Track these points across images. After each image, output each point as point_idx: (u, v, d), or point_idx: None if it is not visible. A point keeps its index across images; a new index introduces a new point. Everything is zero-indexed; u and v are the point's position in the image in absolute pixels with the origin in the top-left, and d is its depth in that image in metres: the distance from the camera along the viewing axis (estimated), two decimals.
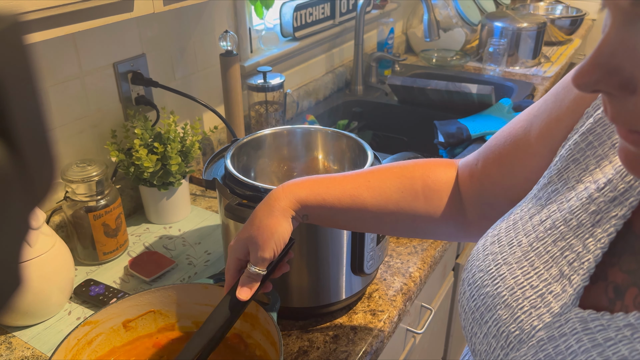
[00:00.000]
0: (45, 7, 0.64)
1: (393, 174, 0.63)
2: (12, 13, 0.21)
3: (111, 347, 0.73)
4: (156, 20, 1.13)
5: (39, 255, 0.80)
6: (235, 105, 1.24)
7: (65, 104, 1.00)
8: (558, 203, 0.47)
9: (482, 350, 0.48)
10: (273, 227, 0.60)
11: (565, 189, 0.47)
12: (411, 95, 1.67)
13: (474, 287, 0.50)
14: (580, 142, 0.48)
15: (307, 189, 0.62)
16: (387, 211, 0.63)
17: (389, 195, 0.62)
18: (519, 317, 0.45)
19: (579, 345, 0.39)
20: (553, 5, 2.60)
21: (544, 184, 0.50)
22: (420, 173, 0.64)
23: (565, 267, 0.44)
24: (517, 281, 0.46)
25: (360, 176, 0.64)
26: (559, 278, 0.44)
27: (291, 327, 0.83)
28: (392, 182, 0.63)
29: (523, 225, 0.49)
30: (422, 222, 0.64)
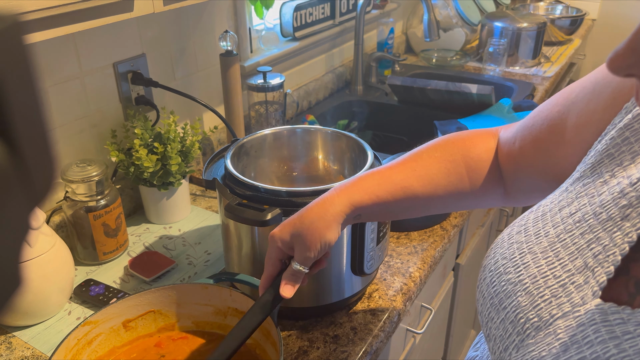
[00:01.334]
0: (45, 7, 0.64)
1: (436, 160, 0.65)
2: (12, 13, 0.21)
3: (111, 347, 0.73)
4: (156, 20, 1.13)
5: (39, 255, 0.80)
6: (235, 105, 1.24)
7: (65, 104, 1.00)
8: (589, 197, 0.47)
9: (497, 335, 0.49)
10: (323, 231, 0.62)
11: (597, 182, 0.47)
12: (411, 95, 1.67)
13: (495, 273, 0.50)
14: (617, 137, 0.47)
15: (360, 190, 0.63)
16: (436, 196, 0.64)
17: (437, 182, 0.64)
18: (538, 304, 0.45)
19: (596, 336, 0.39)
20: (553, 5, 2.60)
21: (576, 177, 0.50)
22: (461, 154, 0.65)
23: (591, 259, 0.44)
24: (541, 270, 0.46)
25: (406, 166, 0.65)
26: (583, 270, 0.44)
27: (291, 327, 0.83)
28: (437, 168, 0.64)
29: (552, 217, 0.49)
30: (467, 200, 0.66)
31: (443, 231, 1.06)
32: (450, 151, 0.66)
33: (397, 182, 0.64)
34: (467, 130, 0.69)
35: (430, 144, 0.68)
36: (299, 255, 0.63)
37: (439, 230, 1.06)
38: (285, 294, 0.64)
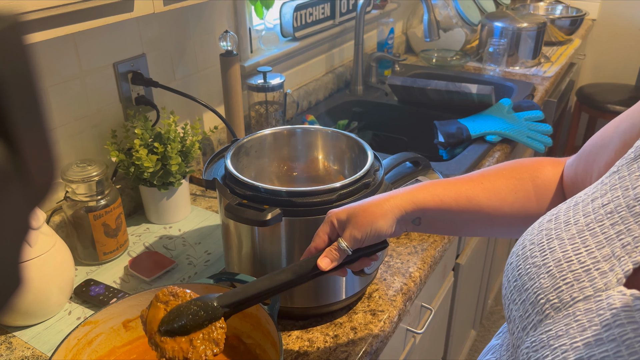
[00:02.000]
0: (46, 7, 0.64)
1: (503, 176, 0.65)
2: (12, 13, 0.21)
3: (111, 347, 0.73)
4: (156, 20, 1.13)
5: (39, 255, 0.80)
6: (235, 105, 1.24)
7: (65, 104, 1.00)
8: (623, 189, 0.48)
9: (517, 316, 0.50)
10: (376, 218, 0.62)
11: (633, 176, 0.48)
12: (411, 95, 1.67)
13: (521, 257, 0.51)
14: None
15: (424, 191, 0.63)
16: (501, 213, 0.64)
17: (503, 196, 0.64)
18: (560, 287, 0.46)
19: (615, 320, 0.40)
20: (553, 5, 2.60)
21: (613, 171, 0.51)
22: (529, 174, 0.65)
23: (619, 249, 0.44)
24: (566, 255, 0.47)
25: (472, 179, 0.65)
26: (609, 258, 0.44)
27: (291, 327, 0.83)
28: (504, 184, 0.64)
29: (583, 207, 0.50)
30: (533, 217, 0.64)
31: None
32: (519, 170, 0.66)
33: (463, 191, 0.63)
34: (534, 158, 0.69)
35: (498, 165, 0.68)
36: (347, 233, 0.63)
37: None
38: (322, 264, 0.63)
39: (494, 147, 1.39)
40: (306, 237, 0.76)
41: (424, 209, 0.63)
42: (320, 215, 0.74)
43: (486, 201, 0.63)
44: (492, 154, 1.37)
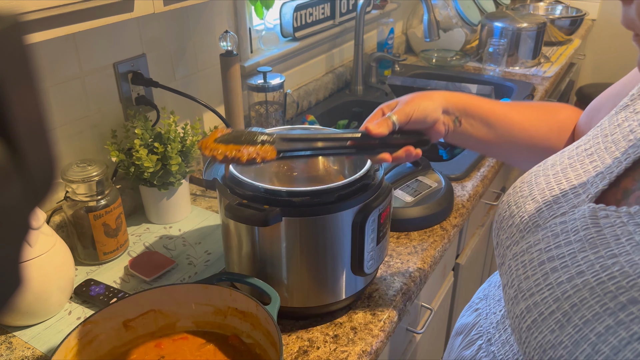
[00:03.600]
0: (46, 7, 0.64)
1: (533, 107, 0.75)
2: (12, 13, 0.21)
3: (111, 347, 0.73)
4: (156, 20, 1.14)
5: (39, 255, 0.80)
6: (235, 105, 1.24)
7: (65, 104, 1.00)
8: (603, 136, 0.56)
9: (504, 239, 0.58)
10: (423, 100, 0.70)
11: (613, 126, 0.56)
12: None
13: (512, 194, 0.60)
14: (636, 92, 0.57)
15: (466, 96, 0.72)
16: (528, 135, 0.73)
17: (532, 121, 0.73)
18: (541, 209, 0.54)
19: (583, 225, 0.48)
20: (553, 5, 2.60)
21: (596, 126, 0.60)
22: (554, 111, 0.75)
23: (593, 177, 0.53)
24: (549, 185, 0.56)
25: (505, 103, 0.74)
26: (585, 185, 0.53)
27: (291, 327, 0.83)
28: (534, 113, 0.74)
29: (569, 152, 0.59)
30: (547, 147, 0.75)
31: (443, 231, 1.06)
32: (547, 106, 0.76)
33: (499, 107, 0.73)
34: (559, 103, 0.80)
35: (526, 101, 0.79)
36: (398, 112, 0.70)
37: (439, 230, 1.06)
38: (371, 125, 0.69)
39: None
40: (306, 237, 0.76)
41: (466, 109, 0.71)
42: (320, 215, 0.74)
43: (519, 120, 0.72)
44: None
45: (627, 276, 0.42)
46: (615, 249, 0.44)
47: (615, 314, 0.41)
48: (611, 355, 0.41)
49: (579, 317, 0.44)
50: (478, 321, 0.66)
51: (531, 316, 0.48)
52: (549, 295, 0.47)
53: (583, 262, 0.46)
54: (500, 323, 0.60)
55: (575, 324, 0.44)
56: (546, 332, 0.46)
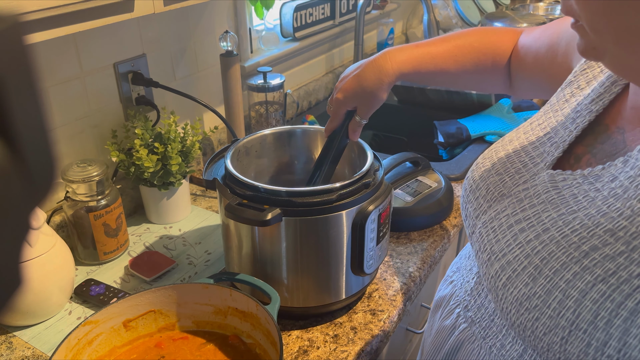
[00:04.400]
0: (46, 7, 0.64)
1: (474, 50, 0.79)
2: (12, 13, 0.21)
3: (111, 346, 0.73)
4: (156, 20, 1.14)
5: (39, 255, 0.81)
6: (236, 105, 1.24)
7: (65, 104, 1.00)
8: (554, 111, 0.62)
9: (471, 210, 0.63)
10: (380, 96, 0.78)
11: (561, 102, 0.62)
12: (411, 95, 1.66)
13: (475, 169, 0.66)
14: (579, 69, 0.62)
15: (409, 64, 0.77)
16: (460, 79, 0.81)
17: (468, 68, 0.79)
18: (504, 180, 0.60)
19: (544, 189, 0.54)
20: (553, 5, 2.60)
21: (547, 103, 0.65)
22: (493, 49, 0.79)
23: (548, 147, 0.58)
24: (510, 158, 0.61)
25: (449, 50, 0.78)
26: (542, 154, 0.58)
27: (291, 327, 0.83)
28: (472, 58, 0.79)
29: (524, 128, 0.65)
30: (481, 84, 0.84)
31: (443, 231, 1.06)
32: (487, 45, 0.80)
33: (439, 64, 0.78)
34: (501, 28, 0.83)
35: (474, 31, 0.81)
36: (362, 113, 0.80)
37: (438, 230, 1.06)
38: (355, 138, 0.83)
39: None
40: (306, 237, 0.76)
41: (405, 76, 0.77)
42: (320, 215, 0.74)
43: (454, 70, 0.79)
44: None
45: (586, 228, 0.47)
46: (574, 205, 0.50)
47: (580, 261, 0.46)
48: (580, 298, 0.46)
49: (549, 268, 0.49)
50: (454, 292, 0.70)
51: (505, 274, 0.53)
52: (520, 253, 0.52)
53: (547, 220, 0.51)
54: (474, 290, 0.64)
55: (546, 275, 0.48)
56: (520, 286, 0.51)
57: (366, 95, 0.78)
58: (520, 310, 0.50)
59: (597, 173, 0.50)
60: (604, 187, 0.49)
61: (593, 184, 0.50)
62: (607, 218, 0.46)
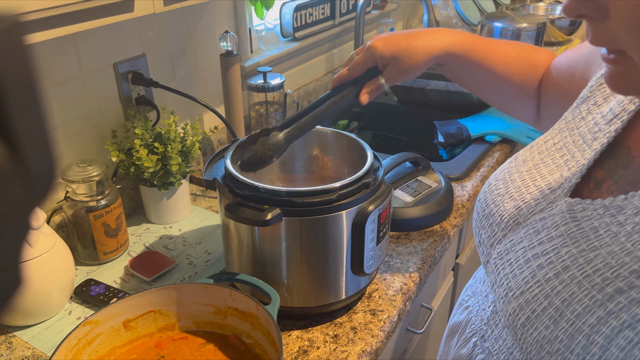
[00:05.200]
0: (46, 7, 0.64)
1: (523, 59, 0.76)
2: (12, 13, 0.21)
3: (111, 346, 0.73)
4: (156, 20, 1.14)
5: (39, 255, 0.80)
6: (236, 105, 1.24)
7: (65, 104, 1.00)
8: (569, 130, 0.58)
9: (485, 238, 0.59)
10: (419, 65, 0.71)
11: (577, 119, 0.58)
12: (411, 95, 1.67)
13: (487, 192, 0.62)
14: (594, 84, 0.59)
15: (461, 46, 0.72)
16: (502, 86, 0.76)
17: (513, 74, 0.75)
18: (520, 206, 0.56)
19: (562, 220, 0.50)
20: (553, 5, 2.60)
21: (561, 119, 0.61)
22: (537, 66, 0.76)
23: (566, 171, 0.55)
24: (525, 183, 0.58)
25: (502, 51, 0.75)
26: (559, 179, 0.55)
27: (291, 327, 0.83)
28: (520, 66, 0.75)
29: (538, 147, 0.61)
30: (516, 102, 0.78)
31: (443, 231, 1.06)
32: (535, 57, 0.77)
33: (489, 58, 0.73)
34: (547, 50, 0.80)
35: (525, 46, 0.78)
36: (390, 75, 0.72)
37: (438, 230, 1.06)
38: (364, 100, 0.74)
39: (493, 147, 1.39)
40: (306, 237, 0.76)
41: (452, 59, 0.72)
42: (320, 215, 0.74)
43: (500, 73, 0.74)
44: (492, 154, 1.37)
45: (610, 267, 0.44)
46: (596, 241, 0.46)
47: (605, 304, 0.43)
48: (605, 344, 0.42)
49: (571, 311, 0.45)
50: (470, 319, 0.67)
51: (524, 314, 0.49)
52: (539, 293, 0.48)
53: (567, 256, 0.47)
54: (490, 319, 0.61)
55: (568, 318, 0.45)
56: (541, 328, 0.47)
57: (408, 56, 0.70)
58: (542, 353, 0.47)
59: (620, 204, 0.46)
60: (627, 221, 0.45)
61: (615, 216, 0.46)
62: (632, 257, 0.43)
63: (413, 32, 0.72)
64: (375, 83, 0.72)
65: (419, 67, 0.71)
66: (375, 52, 0.71)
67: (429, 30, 0.73)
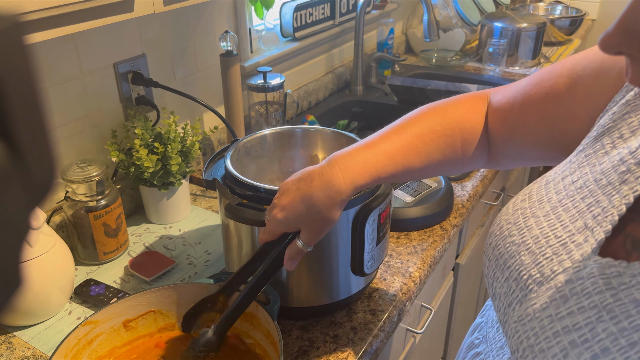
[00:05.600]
0: (46, 7, 0.64)
1: (436, 134, 0.66)
2: (12, 13, 0.21)
3: (111, 347, 0.73)
4: (156, 20, 1.14)
5: (39, 255, 0.80)
6: (236, 105, 1.24)
7: (65, 104, 1.00)
8: (591, 166, 0.50)
9: (502, 293, 0.52)
10: (331, 220, 0.63)
11: (599, 153, 0.50)
12: (411, 95, 1.66)
13: (500, 237, 0.53)
14: (618, 112, 0.50)
15: (365, 172, 0.63)
16: (429, 170, 0.67)
17: (434, 157, 0.66)
18: (540, 262, 0.48)
19: (594, 287, 0.42)
20: (553, 5, 2.60)
21: (579, 150, 0.53)
22: (459, 128, 0.66)
23: (590, 220, 0.46)
24: (543, 231, 0.49)
25: (408, 142, 0.65)
26: (583, 230, 0.46)
27: (291, 327, 0.83)
28: (437, 144, 0.66)
29: (555, 185, 0.52)
30: (455, 167, 0.69)
31: (443, 231, 1.06)
32: (450, 125, 0.66)
33: (399, 161, 0.64)
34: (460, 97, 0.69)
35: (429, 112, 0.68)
36: (306, 238, 0.65)
37: (438, 230, 1.06)
38: (291, 268, 0.66)
39: None
40: None
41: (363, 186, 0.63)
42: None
43: (419, 165, 0.65)
44: None
45: None
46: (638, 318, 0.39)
47: None
48: None
49: None
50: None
51: None
52: None
53: (605, 335, 0.40)
54: None
55: None
56: None
57: (313, 218, 0.62)
58: None
59: None
60: None
61: None
62: None
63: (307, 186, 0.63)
64: (294, 247, 0.65)
65: (332, 219, 0.63)
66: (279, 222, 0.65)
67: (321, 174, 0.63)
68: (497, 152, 0.67)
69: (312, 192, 0.62)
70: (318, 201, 0.62)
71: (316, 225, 0.63)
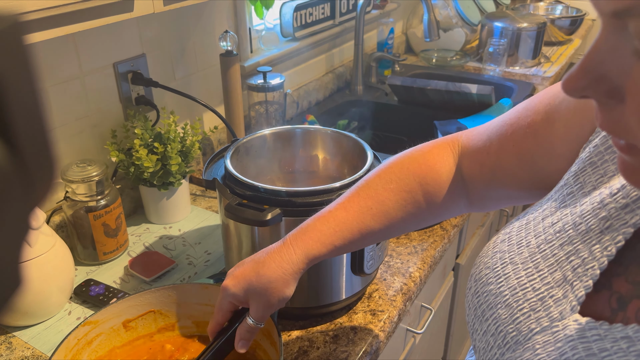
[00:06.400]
0: (46, 7, 0.64)
1: (392, 192, 0.61)
2: (12, 13, 0.21)
3: (111, 347, 0.73)
4: (156, 20, 1.13)
5: (39, 255, 0.80)
6: (235, 105, 1.24)
7: (65, 104, 1.00)
8: (571, 207, 0.46)
9: (481, 347, 0.49)
10: (282, 290, 0.60)
11: (580, 193, 0.46)
12: (411, 95, 1.67)
13: (479, 283, 0.50)
14: (600, 145, 0.46)
15: (317, 242, 0.60)
16: (393, 228, 0.62)
17: (393, 215, 0.61)
18: (517, 318, 0.45)
19: (573, 353, 0.39)
20: (553, 5, 2.60)
21: (560, 185, 0.49)
22: (418, 182, 0.61)
23: (569, 272, 0.43)
24: (520, 282, 0.46)
25: (361, 206, 0.61)
26: (562, 283, 0.43)
27: (291, 327, 0.83)
28: (393, 202, 0.61)
29: (535, 226, 0.49)
30: (426, 220, 0.64)
31: (443, 231, 1.06)
32: (407, 180, 0.62)
33: (354, 226, 0.60)
34: (423, 147, 0.65)
35: (384, 170, 0.63)
36: (256, 313, 0.62)
37: (439, 230, 1.06)
38: (243, 350, 0.63)
39: None
40: None
41: (318, 258, 0.61)
42: None
43: (378, 226, 0.61)
44: None
45: None
46: None
47: None
48: None
49: None
50: None
51: None
52: None
53: None
54: None
55: None
56: None
57: (263, 287, 0.60)
58: None
59: None
60: None
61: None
62: None
63: (261, 257, 0.61)
64: (245, 326, 0.62)
65: (283, 293, 0.60)
66: (228, 293, 0.62)
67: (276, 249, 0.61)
68: (480, 196, 0.62)
69: (264, 262, 0.60)
70: (269, 270, 0.60)
71: (265, 298, 0.60)
